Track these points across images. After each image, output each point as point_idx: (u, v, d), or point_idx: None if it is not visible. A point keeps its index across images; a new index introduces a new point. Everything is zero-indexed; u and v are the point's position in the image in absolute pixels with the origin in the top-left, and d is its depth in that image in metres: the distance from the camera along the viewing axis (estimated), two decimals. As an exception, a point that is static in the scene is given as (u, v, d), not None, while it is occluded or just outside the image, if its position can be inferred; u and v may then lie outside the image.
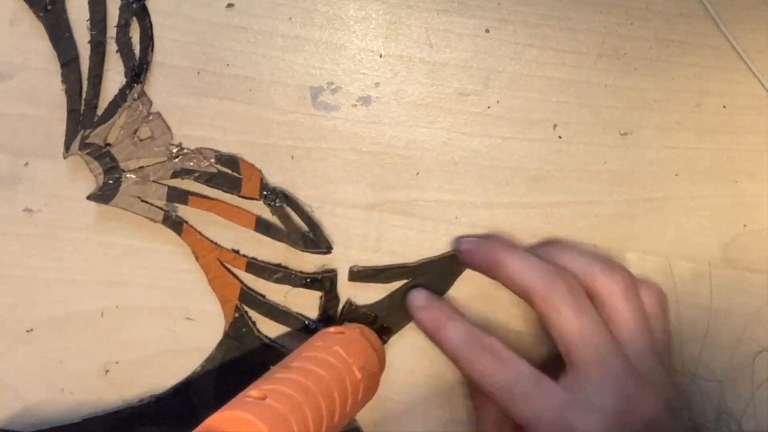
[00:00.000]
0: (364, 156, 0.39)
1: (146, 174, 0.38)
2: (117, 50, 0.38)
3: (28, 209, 0.38)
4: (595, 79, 0.40)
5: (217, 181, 0.38)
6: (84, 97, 0.37)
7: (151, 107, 0.38)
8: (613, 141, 0.40)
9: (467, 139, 0.39)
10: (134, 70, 0.37)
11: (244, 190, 0.38)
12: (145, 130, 0.38)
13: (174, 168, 0.38)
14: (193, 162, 0.38)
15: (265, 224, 0.38)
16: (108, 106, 0.38)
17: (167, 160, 0.38)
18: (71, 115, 0.37)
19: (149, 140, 0.38)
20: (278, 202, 0.38)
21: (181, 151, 0.38)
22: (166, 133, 0.38)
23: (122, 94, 0.38)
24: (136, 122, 0.38)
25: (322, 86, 0.39)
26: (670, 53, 0.40)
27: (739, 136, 0.40)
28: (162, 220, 0.38)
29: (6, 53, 0.38)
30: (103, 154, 0.37)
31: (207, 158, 0.38)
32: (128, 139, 0.37)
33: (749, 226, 0.41)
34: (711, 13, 0.40)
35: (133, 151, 0.38)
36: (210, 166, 0.38)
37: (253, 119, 0.38)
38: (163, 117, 0.38)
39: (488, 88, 0.39)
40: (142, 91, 0.38)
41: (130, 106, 0.37)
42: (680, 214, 0.40)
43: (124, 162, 0.38)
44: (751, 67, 0.40)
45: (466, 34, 0.39)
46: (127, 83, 0.37)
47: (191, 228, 0.38)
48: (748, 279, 0.40)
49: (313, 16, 0.38)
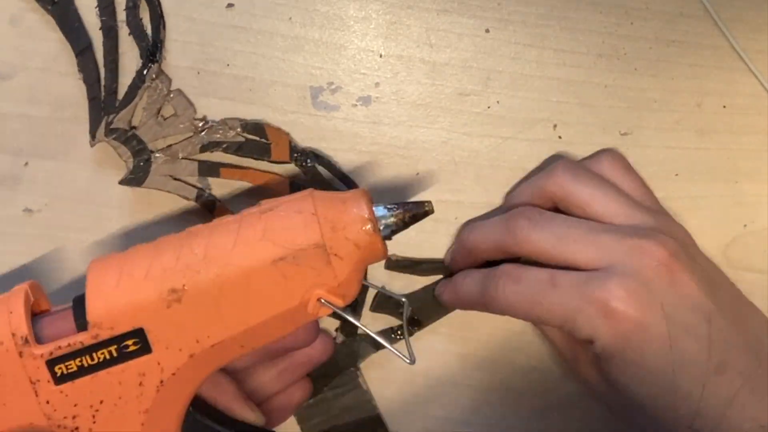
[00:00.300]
0: (364, 156, 0.39)
1: (175, 151, 0.38)
2: (129, 33, 0.38)
3: (28, 209, 0.38)
4: (595, 79, 0.40)
5: (246, 149, 0.38)
6: (103, 84, 0.37)
7: (171, 84, 0.38)
8: (613, 141, 0.40)
9: (467, 139, 0.39)
10: (149, 50, 0.37)
11: (274, 155, 0.38)
12: (167, 109, 0.38)
13: (201, 142, 0.38)
14: (220, 134, 0.38)
15: (300, 186, 0.38)
16: (128, 89, 0.37)
17: (194, 135, 0.38)
18: (92, 103, 0.37)
19: (173, 118, 0.38)
20: (309, 162, 0.38)
21: (206, 125, 0.38)
22: (188, 108, 0.38)
23: (140, 75, 0.37)
24: (158, 101, 0.37)
25: (322, 86, 0.39)
26: (670, 53, 0.40)
27: (739, 136, 0.40)
28: (195, 199, 0.38)
29: (6, 53, 0.38)
30: (130, 138, 0.37)
31: (233, 128, 0.38)
32: (152, 119, 0.37)
33: (749, 226, 0.41)
34: (711, 13, 0.40)
35: (159, 131, 0.38)
36: (237, 135, 0.38)
37: (253, 119, 0.38)
38: (183, 93, 0.38)
39: (488, 88, 0.39)
40: (159, 70, 0.38)
41: (150, 86, 0.37)
42: (680, 214, 0.40)
43: (151, 143, 0.37)
44: (751, 67, 0.40)
45: (466, 34, 0.39)
46: (143, 64, 0.37)
47: (224, 207, 0.38)
48: (748, 279, 0.40)
49: (313, 16, 0.38)
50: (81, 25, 0.37)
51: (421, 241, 0.39)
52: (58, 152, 0.38)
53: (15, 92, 0.38)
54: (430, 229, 0.39)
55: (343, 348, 0.39)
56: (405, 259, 0.39)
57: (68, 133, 0.38)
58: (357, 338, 0.39)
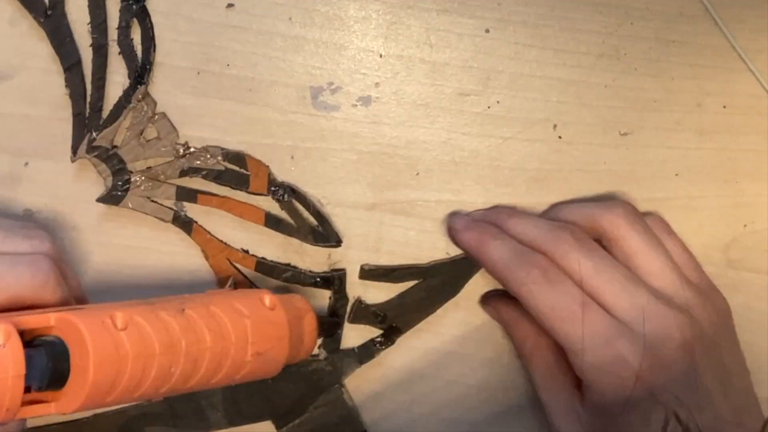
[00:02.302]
0: (364, 156, 0.39)
1: (155, 174, 0.38)
2: (119, 52, 0.38)
3: (28, 209, 0.38)
4: (595, 79, 0.40)
5: (225, 178, 0.38)
6: (89, 101, 0.38)
7: (156, 107, 0.38)
8: (613, 141, 0.40)
9: (467, 139, 0.39)
10: (137, 72, 0.37)
11: (252, 186, 0.38)
12: (151, 131, 0.38)
13: (182, 167, 0.38)
14: (200, 160, 0.38)
15: (275, 219, 0.38)
16: (113, 108, 0.38)
17: (174, 159, 0.38)
18: (77, 118, 0.37)
19: (156, 140, 0.38)
20: (286, 196, 0.38)
21: (188, 150, 0.38)
22: (172, 132, 0.38)
23: (126, 95, 0.37)
24: (142, 123, 0.38)
25: (322, 86, 0.39)
26: (670, 53, 0.40)
27: (739, 136, 0.40)
28: (172, 220, 0.38)
29: (6, 53, 0.38)
30: (111, 156, 0.37)
31: (214, 156, 0.38)
32: (135, 140, 0.38)
33: (749, 226, 0.41)
34: (711, 13, 0.40)
35: (141, 152, 0.38)
36: (217, 163, 0.38)
37: (253, 119, 0.38)
38: (168, 117, 0.38)
39: (488, 88, 0.39)
40: (146, 92, 0.38)
41: (135, 107, 0.37)
42: (680, 214, 0.40)
43: (131, 163, 0.38)
44: (751, 67, 0.40)
45: (466, 34, 0.39)
46: (131, 85, 0.37)
47: (201, 228, 0.38)
48: (748, 279, 0.40)
49: (313, 16, 0.38)
50: (72, 40, 0.37)
51: (421, 241, 0.39)
52: (58, 152, 0.38)
53: (15, 92, 0.38)
54: (430, 229, 0.39)
55: (327, 365, 0.39)
56: (378, 267, 0.39)
57: (68, 133, 0.38)
58: (340, 354, 0.39)
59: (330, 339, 0.39)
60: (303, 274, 0.39)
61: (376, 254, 0.39)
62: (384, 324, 0.39)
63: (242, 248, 0.39)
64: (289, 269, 0.39)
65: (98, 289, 0.39)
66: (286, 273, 0.39)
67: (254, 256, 0.39)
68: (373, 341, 0.40)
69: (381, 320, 0.39)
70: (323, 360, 0.39)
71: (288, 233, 0.39)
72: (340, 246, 0.39)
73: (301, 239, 0.39)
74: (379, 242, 0.39)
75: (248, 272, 0.39)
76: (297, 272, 0.39)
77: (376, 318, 0.39)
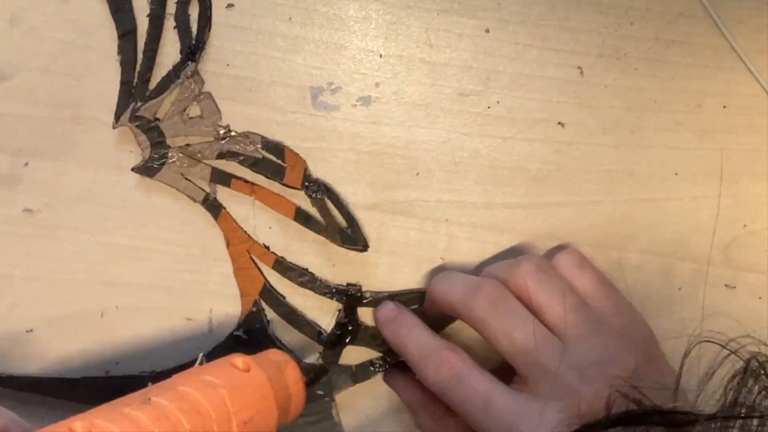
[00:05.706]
0: (364, 156, 0.39)
1: (192, 152, 0.38)
2: (174, 26, 0.38)
3: (28, 209, 0.38)
4: (595, 79, 0.40)
5: (261, 166, 0.38)
6: (138, 70, 0.38)
7: (203, 86, 0.38)
8: (613, 141, 0.40)
9: (467, 139, 0.39)
10: (190, 48, 0.37)
11: (287, 179, 0.38)
12: (194, 109, 0.38)
13: (220, 149, 0.38)
14: (240, 145, 0.38)
15: (305, 215, 0.38)
16: (161, 81, 0.38)
17: (214, 140, 0.38)
18: (123, 87, 0.38)
19: (198, 119, 0.38)
20: (320, 194, 0.38)
21: (229, 134, 0.38)
22: (215, 113, 0.38)
23: (176, 70, 0.38)
24: (187, 100, 0.38)
25: (322, 86, 0.39)
26: (670, 53, 0.40)
27: (739, 136, 0.40)
28: (201, 201, 0.38)
29: (6, 53, 0.38)
30: (152, 128, 0.37)
31: (254, 143, 0.38)
32: (178, 116, 0.37)
33: (749, 226, 0.41)
34: (711, 13, 0.40)
35: (182, 129, 0.38)
36: (256, 151, 0.38)
37: (253, 119, 0.38)
38: (213, 98, 0.38)
39: (488, 88, 0.39)
40: (195, 70, 0.38)
41: (183, 83, 0.37)
42: (680, 214, 0.40)
43: (171, 138, 0.38)
44: (750, 67, 0.40)
45: (466, 34, 0.39)
46: (181, 60, 0.38)
47: (229, 214, 0.38)
48: (748, 279, 0.40)
49: (313, 16, 0.38)
50: (130, 7, 0.37)
51: (421, 241, 0.39)
52: (58, 152, 0.38)
53: (15, 92, 0.38)
54: (430, 229, 0.39)
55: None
56: (380, 292, 0.39)
57: (68, 133, 0.38)
58: (337, 369, 0.39)
59: (329, 352, 0.39)
60: (319, 282, 0.39)
61: (376, 254, 0.39)
62: (383, 347, 0.39)
63: (264, 244, 0.39)
64: (306, 273, 0.39)
65: (97, 290, 0.39)
66: (303, 277, 0.39)
67: (274, 254, 0.39)
68: (371, 362, 0.39)
69: (380, 343, 0.39)
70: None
71: (316, 230, 0.38)
72: (366, 251, 0.39)
73: (328, 238, 0.38)
74: (379, 242, 0.39)
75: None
76: (314, 278, 0.39)
77: (374, 341, 0.39)
